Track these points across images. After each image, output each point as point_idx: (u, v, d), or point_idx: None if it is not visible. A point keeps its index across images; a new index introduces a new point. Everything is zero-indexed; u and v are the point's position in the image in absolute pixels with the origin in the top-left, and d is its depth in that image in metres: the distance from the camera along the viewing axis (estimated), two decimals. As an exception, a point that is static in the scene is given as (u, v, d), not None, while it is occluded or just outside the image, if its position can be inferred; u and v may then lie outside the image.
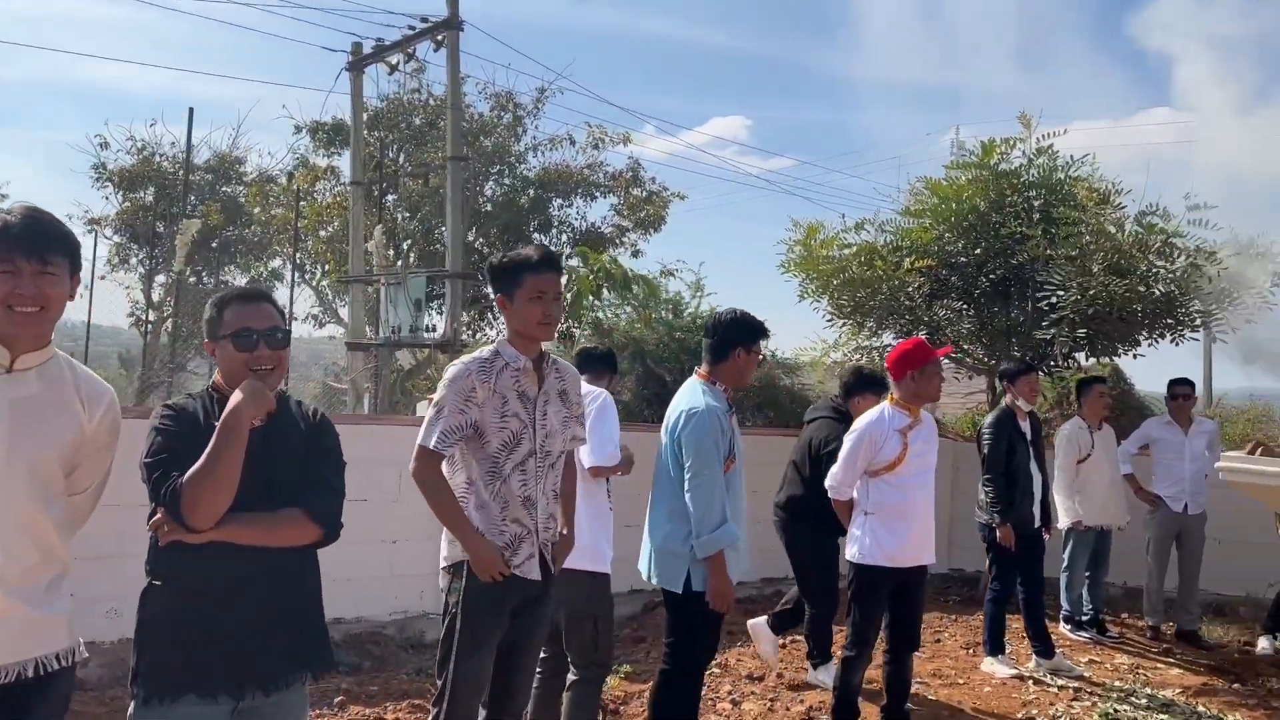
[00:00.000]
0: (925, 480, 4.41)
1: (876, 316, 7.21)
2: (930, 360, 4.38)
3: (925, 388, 4.37)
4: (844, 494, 4.48)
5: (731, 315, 3.86)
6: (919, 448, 4.35)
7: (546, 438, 3.08)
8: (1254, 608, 8.32)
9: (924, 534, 4.38)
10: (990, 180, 7.27)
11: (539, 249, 3.13)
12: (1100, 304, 6.42)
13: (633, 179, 16.90)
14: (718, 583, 3.60)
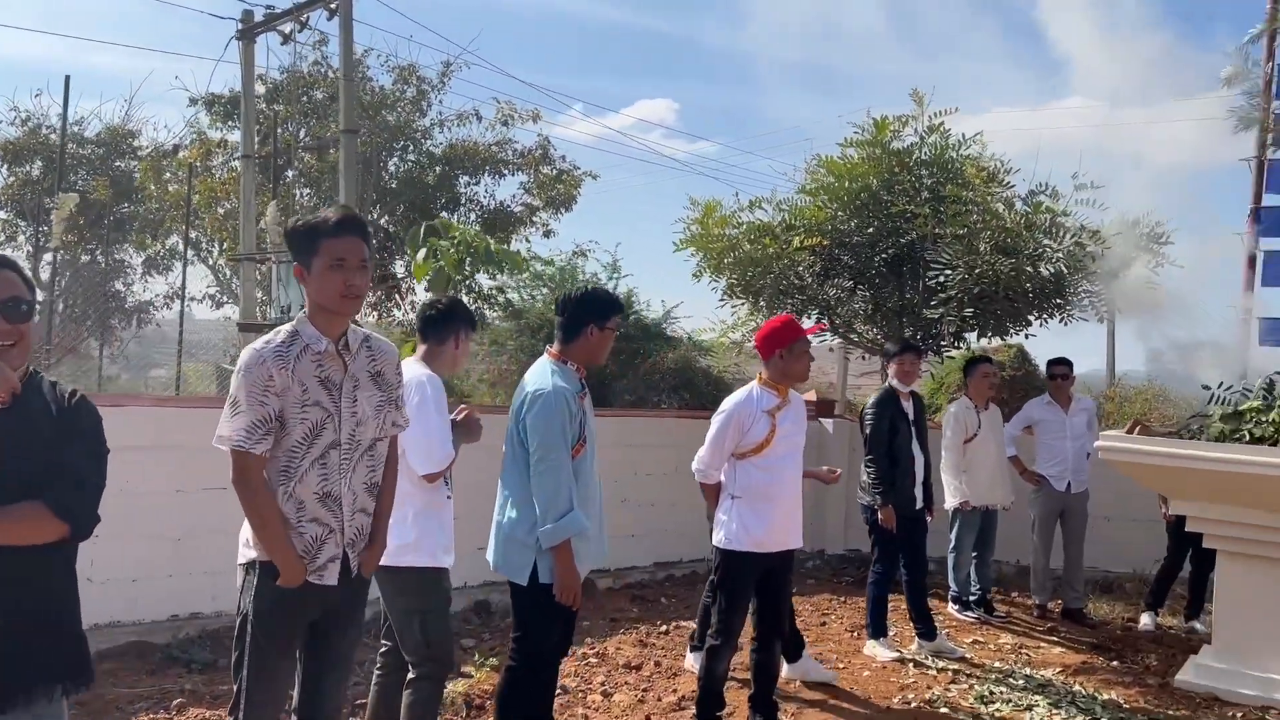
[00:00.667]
0: (793, 462, 4.26)
1: (768, 295, 7.07)
2: (797, 339, 4.22)
3: (793, 367, 4.22)
4: (711, 477, 4.31)
5: (582, 292, 3.65)
6: (787, 429, 4.20)
7: (357, 426, 2.79)
8: (1139, 584, 8.44)
9: (791, 518, 4.24)
10: (883, 158, 7.18)
11: (339, 209, 2.82)
12: (987, 283, 6.37)
13: (542, 157, 16.56)
14: (564, 574, 3.40)
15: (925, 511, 5.99)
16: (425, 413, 3.43)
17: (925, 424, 6.04)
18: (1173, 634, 6.86)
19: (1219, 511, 5.39)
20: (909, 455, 5.78)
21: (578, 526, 3.38)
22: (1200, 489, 5.35)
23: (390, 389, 2.91)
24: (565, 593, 3.40)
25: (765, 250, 6.78)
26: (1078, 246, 6.47)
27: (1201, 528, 5.55)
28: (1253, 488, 5.12)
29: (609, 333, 3.60)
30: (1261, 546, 5.35)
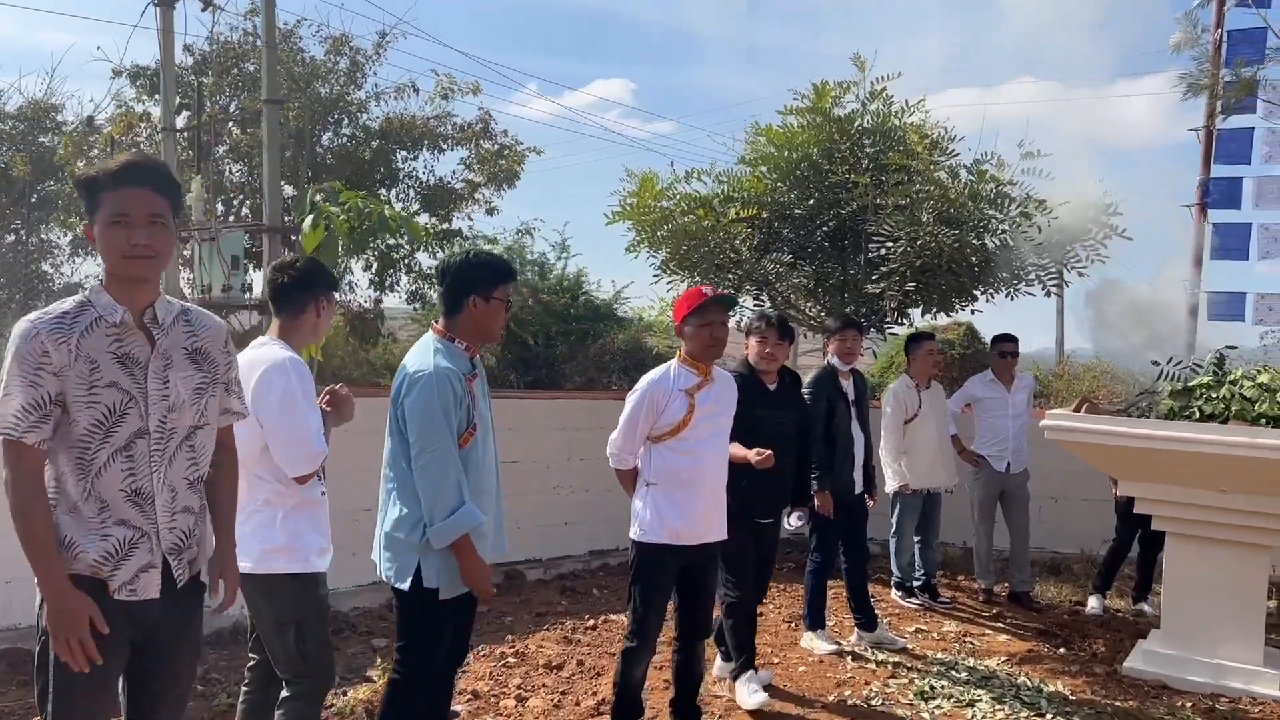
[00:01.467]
0: (716, 446, 3.90)
1: (702, 270, 6.72)
2: (702, 307, 3.82)
3: (701, 336, 3.84)
4: (625, 462, 3.94)
5: (461, 259, 3.24)
6: (709, 409, 3.82)
7: (169, 412, 2.38)
8: (1088, 565, 8.26)
9: (713, 507, 3.88)
10: (823, 126, 6.84)
11: (129, 156, 2.42)
12: (929, 255, 6.07)
13: (483, 131, 16.01)
14: (471, 570, 3.03)
15: (865, 496, 5.69)
16: (291, 406, 3.00)
17: (867, 404, 5.74)
18: (1121, 617, 6.66)
19: (1168, 492, 5.16)
20: (848, 437, 5.47)
21: (470, 520, 3.01)
22: (1148, 469, 5.11)
23: (215, 369, 2.51)
24: (478, 587, 3.06)
25: (700, 223, 6.42)
26: (1023, 216, 6.19)
27: (1150, 509, 5.32)
28: (1202, 467, 4.88)
29: (497, 304, 3.21)
30: (1211, 528, 5.13)
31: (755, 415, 4.36)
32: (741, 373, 4.55)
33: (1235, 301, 9.05)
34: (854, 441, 5.49)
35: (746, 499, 4.27)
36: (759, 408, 4.46)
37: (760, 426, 4.35)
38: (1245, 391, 5.10)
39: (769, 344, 4.97)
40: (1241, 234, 8.94)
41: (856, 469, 5.52)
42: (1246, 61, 6.90)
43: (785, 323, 4.94)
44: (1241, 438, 4.77)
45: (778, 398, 4.70)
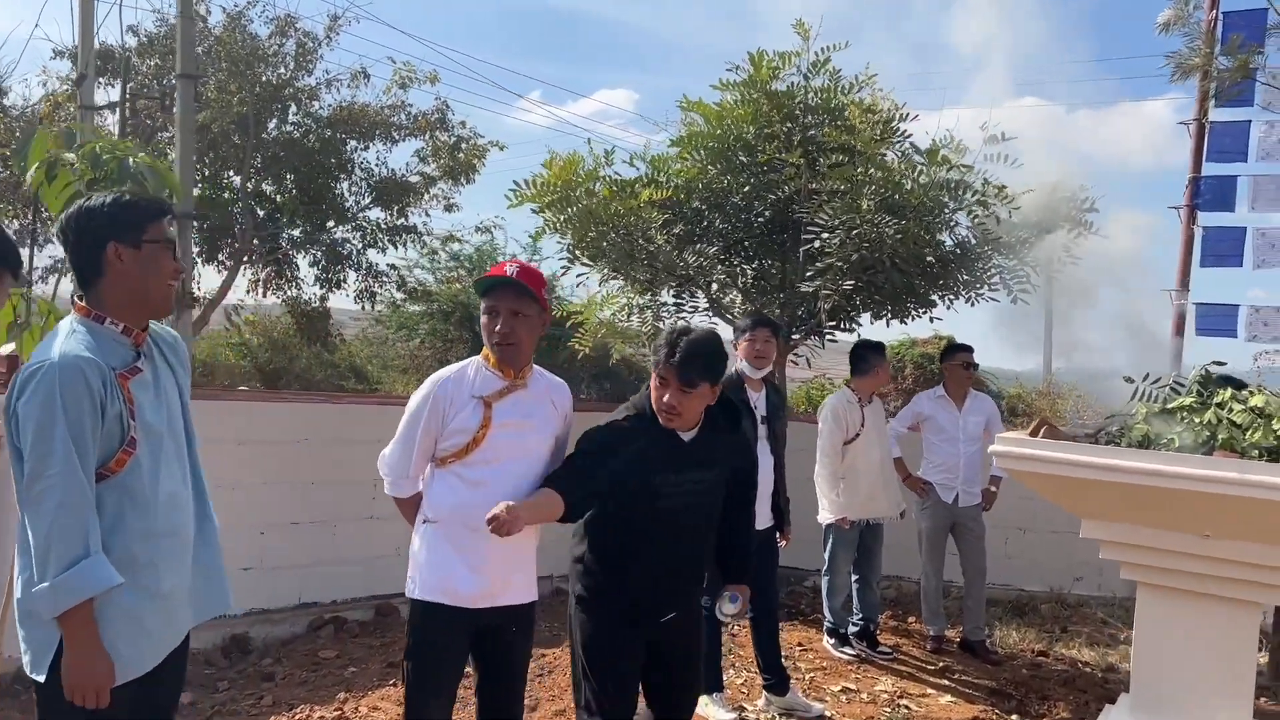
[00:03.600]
0: (520, 476, 2.88)
1: (612, 260, 5.84)
2: (488, 288, 2.91)
3: (487, 331, 2.92)
4: (402, 489, 2.98)
5: (84, 205, 2.30)
6: (513, 425, 2.89)
7: None
8: (1056, 606, 7.41)
9: (513, 558, 2.92)
10: (760, 102, 5.96)
11: None
12: (868, 249, 5.19)
13: (439, 122, 15.14)
14: (75, 662, 2.13)
15: (775, 532, 4.80)
16: None
17: (782, 421, 4.85)
18: (1088, 673, 5.78)
19: (1139, 535, 4.26)
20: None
21: (95, 580, 2.10)
22: (1115, 507, 4.21)
23: None
24: (77, 692, 2.13)
25: (607, 205, 5.53)
26: (980, 205, 5.32)
27: (1117, 554, 4.43)
28: (1181, 507, 3.99)
29: (154, 250, 2.29)
30: (1191, 579, 4.22)
31: (651, 479, 2.94)
32: (635, 413, 3.03)
33: (1226, 315, 8.19)
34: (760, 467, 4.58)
35: (634, 590, 3.01)
36: (657, 467, 2.96)
37: (656, 495, 2.96)
38: (1235, 417, 4.21)
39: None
40: (1235, 239, 8.08)
41: (763, 498, 4.61)
42: (1243, 41, 6.06)
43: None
44: (1230, 473, 3.85)
45: (692, 451, 3.04)
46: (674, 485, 2.96)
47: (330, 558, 5.67)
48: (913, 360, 15.59)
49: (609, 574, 3.00)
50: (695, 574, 3.20)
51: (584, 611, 3.04)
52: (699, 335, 2.94)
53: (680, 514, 2.98)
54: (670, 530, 2.97)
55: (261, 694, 4.58)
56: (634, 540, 2.96)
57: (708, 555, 3.26)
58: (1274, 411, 4.19)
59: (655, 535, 2.95)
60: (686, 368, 2.87)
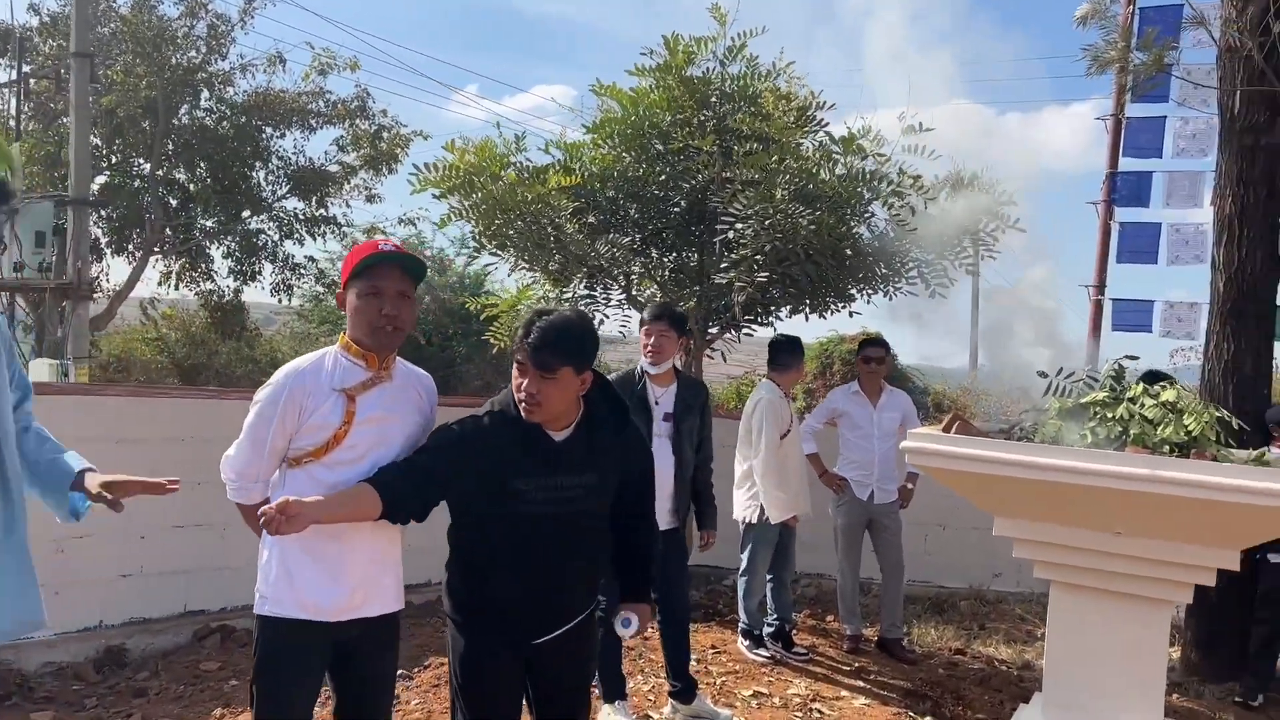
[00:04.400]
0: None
1: (520, 248, 5.61)
2: (368, 266, 2.59)
3: (368, 316, 2.59)
4: (248, 493, 2.67)
5: None
6: (378, 419, 2.62)
7: None
8: (976, 603, 7.38)
9: (375, 566, 2.66)
10: (674, 88, 5.77)
11: None
12: (781, 240, 5.03)
13: (359, 110, 14.72)
14: None
15: (680, 532, 4.60)
16: None
17: (694, 417, 4.64)
18: (1004, 671, 5.71)
19: (1050, 533, 4.17)
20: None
21: None
22: (1026, 503, 4.12)
23: None
24: None
25: (514, 191, 5.29)
26: (895, 195, 5.20)
27: (1030, 552, 4.33)
28: (1092, 503, 3.90)
29: None
30: (1103, 577, 4.15)
31: (509, 482, 2.62)
32: (498, 409, 2.70)
33: (1141, 311, 8.25)
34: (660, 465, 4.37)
35: (499, 606, 2.71)
36: (519, 469, 2.63)
37: (516, 501, 2.63)
38: (1146, 412, 4.13)
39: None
40: (1150, 235, 8.13)
41: (664, 498, 4.40)
42: (1158, 35, 6.04)
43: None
44: (1140, 469, 3.77)
45: (564, 452, 2.70)
46: (540, 490, 2.63)
47: (217, 563, 5.34)
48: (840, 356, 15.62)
49: (472, 589, 2.74)
50: (577, 590, 2.83)
51: (455, 630, 2.78)
52: (560, 316, 2.64)
53: (549, 523, 2.65)
54: (539, 541, 2.66)
55: (131, 711, 4.26)
56: (495, 551, 2.67)
57: (595, 569, 2.92)
58: (1185, 406, 4.13)
59: (520, 546, 2.66)
60: (541, 351, 2.55)
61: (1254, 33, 5.44)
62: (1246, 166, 5.67)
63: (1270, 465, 4.10)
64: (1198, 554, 3.91)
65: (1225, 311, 5.72)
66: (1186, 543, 3.90)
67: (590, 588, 2.91)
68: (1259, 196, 5.66)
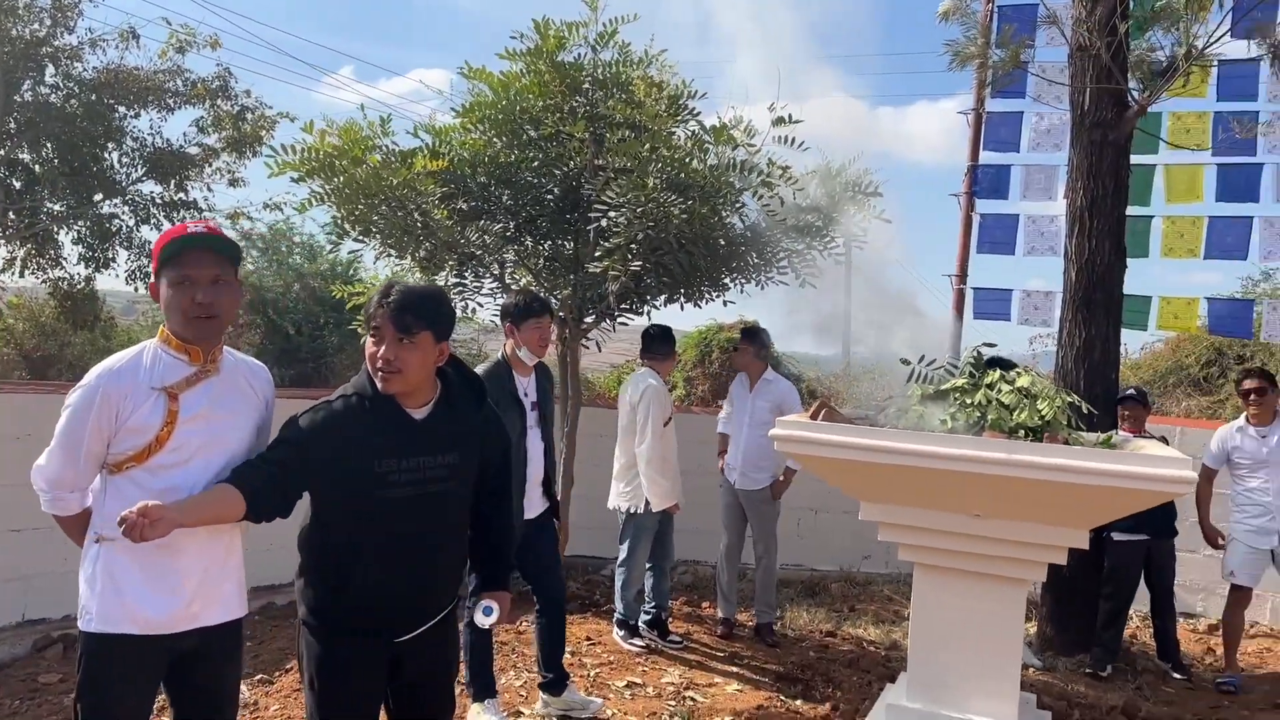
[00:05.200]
0: (219, 473, 2.45)
1: (384, 234, 5.42)
2: (174, 251, 2.39)
3: (181, 305, 2.41)
4: (67, 505, 2.48)
5: None
6: (204, 417, 2.44)
7: None
8: (847, 585, 7.56)
9: (210, 573, 2.48)
10: (544, 73, 5.67)
11: None
12: (653, 229, 5.00)
13: (221, 90, 14.05)
14: None
15: (551, 520, 4.52)
16: None
17: (551, 406, 4.59)
18: (873, 652, 5.84)
19: (914, 516, 4.28)
20: (519, 454, 4.22)
21: None
22: (889, 488, 4.21)
23: None
24: None
25: (377, 175, 5.10)
26: (764, 186, 5.23)
27: (894, 535, 4.43)
28: (952, 487, 4.01)
29: None
30: (963, 559, 4.28)
31: (373, 465, 2.52)
32: (353, 393, 2.59)
33: (1001, 299, 8.58)
34: (526, 457, 4.31)
35: (362, 602, 2.58)
36: (381, 451, 2.54)
37: (381, 484, 2.53)
38: (1003, 397, 4.27)
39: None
40: (1008, 226, 8.47)
41: (532, 486, 4.35)
42: (1014, 32, 6.25)
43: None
44: (997, 453, 3.90)
45: (426, 431, 2.63)
46: (404, 472, 2.54)
47: (60, 569, 5.00)
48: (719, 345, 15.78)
49: (332, 586, 2.59)
50: (442, 580, 2.74)
51: (310, 634, 2.63)
52: (418, 284, 2.65)
53: (414, 507, 2.56)
54: (403, 528, 2.56)
55: (-42, 732, 3.96)
56: (358, 542, 2.54)
57: (460, 555, 2.83)
58: (1039, 392, 4.28)
59: (384, 534, 2.55)
60: (403, 312, 2.49)
61: (1102, 32, 5.68)
62: (1095, 161, 5.92)
63: (1116, 448, 4.31)
64: (1051, 534, 4.07)
65: (1077, 300, 5.97)
66: (1040, 523, 4.05)
67: (454, 578, 2.83)
68: (1107, 190, 5.92)
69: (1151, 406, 6.08)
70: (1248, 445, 5.63)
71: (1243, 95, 7.59)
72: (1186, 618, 7.00)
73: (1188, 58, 5.62)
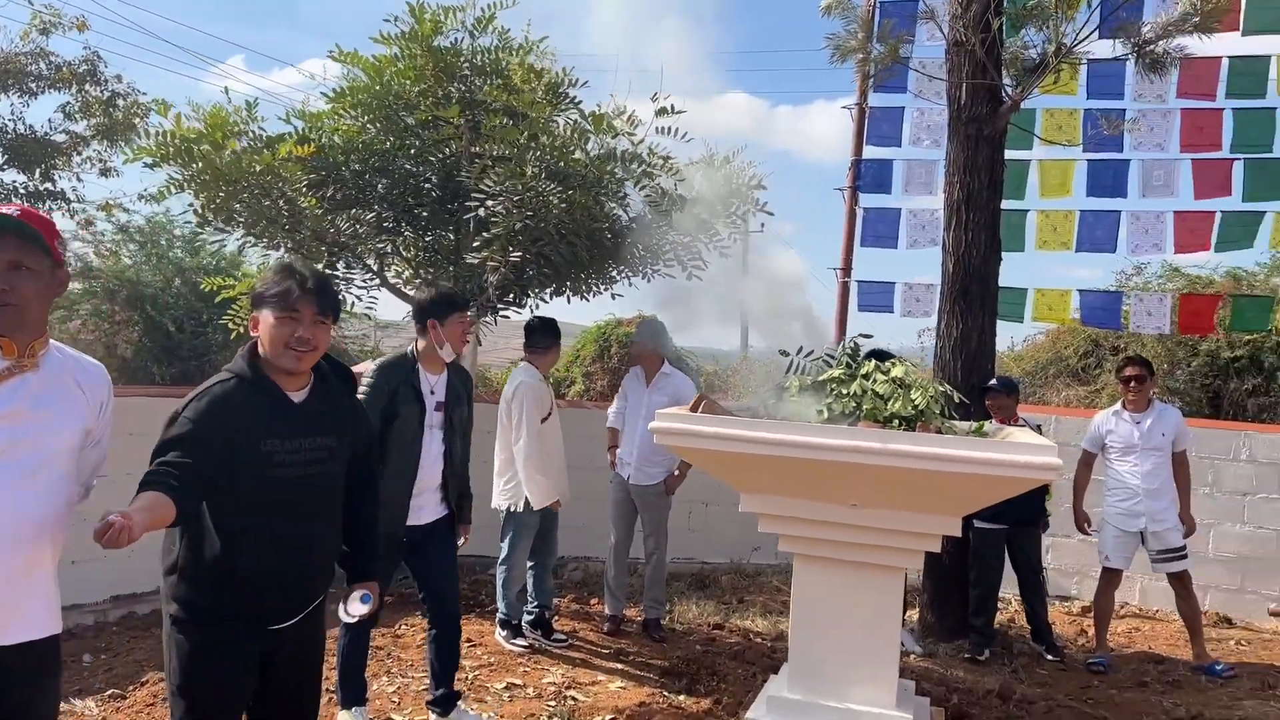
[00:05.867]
0: (31, 481, 2.22)
1: (248, 223, 5.17)
2: None
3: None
4: None
5: None
6: (19, 417, 2.20)
7: None
8: (736, 576, 7.56)
9: (23, 582, 2.23)
10: (419, 58, 5.49)
11: None
12: (531, 218, 4.88)
13: (89, 74, 13.35)
14: None
15: (448, 528, 4.32)
16: None
17: (464, 405, 4.40)
18: (759, 644, 5.84)
19: (792, 507, 4.26)
20: (412, 451, 4.10)
21: None
22: (767, 479, 4.18)
23: None
24: None
25: (239, 161, 4.85)
26: (645, 176, 5.17)
27: (774, 526, 4.41)
28: (828, 477, 4.00)
29: None
30: (841, 548, 4.28)
31: (261, 446, 2.56)
32: (233, 376, 2.62)
33: (884, 292, 8.71)
34: (423, 455, 4.15)
35: (247, 589, 2.56)
36: (267, 431, 2.58)
37: (269, 465, 2.57)
38: (878, 387, 4.28)
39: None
40: (891, 220, 8.60)
41: (427, 491, 4.16)
42: (894, 26, 6.33)
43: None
44: (872, 442, 3.90)
45: (306, 411, 2.70)
46: (289, 453, 2.61)
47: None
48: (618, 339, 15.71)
49: (215, 574, 2.55)
50: (320, 565, 2.77)
51: (181, 632, 2.57)
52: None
53: (298, 488, 2.62)
54: (287, 510, 2.60)
55: None
56: (244, 527, 2.55)
57: (336, 541, 2.87)
58: (913, 382, 4.31)
59: (269, 517, 2.57)
60: (323, 292, 2.67)
61: (976, 28, 5.78)
62: (972, 155, 6.03)
63: (988, 436, 4.37)
64: (925, 522, 4.10)
65: (954, 292, 6.07)
66: (915, 511, 4.07)
67: (330, 563, 2.85)
68: (983, 184, 6.03)
69: (1019, 395, 6.22)
70: (1122, 430, 5.81)
71: (1111, 94, 7.86)
72: (1061, 600, 7.23)
73: (1057, 54, 5.76)
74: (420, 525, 4.15)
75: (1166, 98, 7.80)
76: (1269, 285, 12.48)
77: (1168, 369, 12.30)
